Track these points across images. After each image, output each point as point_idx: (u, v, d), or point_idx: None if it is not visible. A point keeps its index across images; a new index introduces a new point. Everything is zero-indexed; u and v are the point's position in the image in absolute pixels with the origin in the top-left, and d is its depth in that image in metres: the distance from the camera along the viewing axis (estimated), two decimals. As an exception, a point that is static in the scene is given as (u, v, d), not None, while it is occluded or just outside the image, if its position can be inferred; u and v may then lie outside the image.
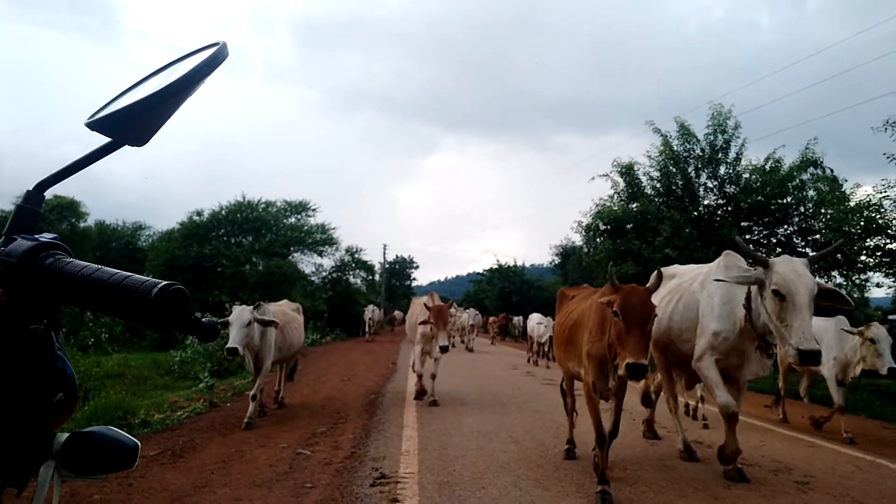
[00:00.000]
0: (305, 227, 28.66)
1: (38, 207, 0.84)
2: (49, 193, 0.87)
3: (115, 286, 0.72)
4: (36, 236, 0.80)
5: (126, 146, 0.84)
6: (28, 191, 0.84)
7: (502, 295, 39.40)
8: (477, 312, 27.09)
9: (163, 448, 5.74)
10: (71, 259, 0.77)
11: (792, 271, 4.35)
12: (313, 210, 29.03)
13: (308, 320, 24.70)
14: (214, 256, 24.49)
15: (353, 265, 32.47)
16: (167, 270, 24.54)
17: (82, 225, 28.16)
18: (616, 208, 16.68)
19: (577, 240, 20.41)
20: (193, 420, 7.43)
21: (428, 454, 5.49)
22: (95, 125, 0.82)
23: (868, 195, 13.08)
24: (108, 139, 0.84)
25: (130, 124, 0.82)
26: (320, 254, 29.66)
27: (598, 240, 18.12)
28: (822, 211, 15.06)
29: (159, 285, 0.70)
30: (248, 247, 25.94)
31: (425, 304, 8.84)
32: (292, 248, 27.75)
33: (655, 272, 4.51)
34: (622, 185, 16.70)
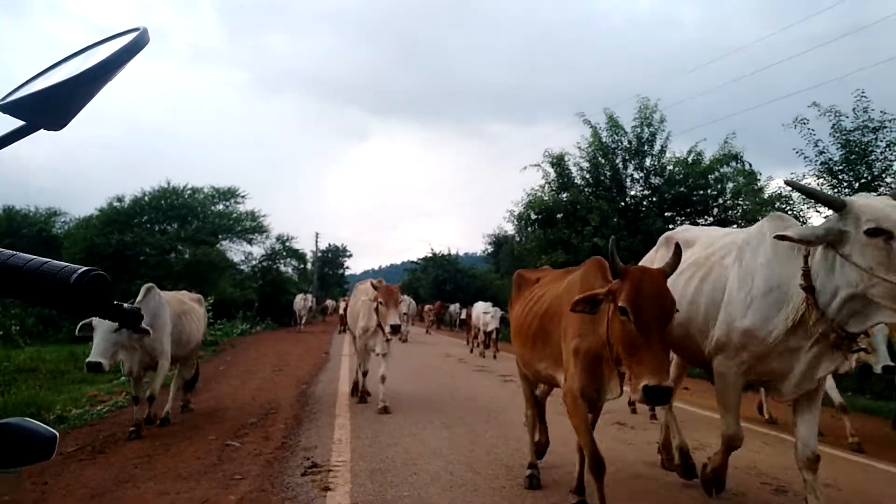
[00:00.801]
0: (234, 215, 27.78)
1: None
2: None
3: (32, 272, 0.71)
4: None
5: (42, 130, 0.81)
6: None
7: (436, 283, 39.57)
8: (411, 300, 26.09)
9: (81, 444, 5.51)
10: None
11: (884, 204, 2.98)
12: (242, 197, 28.19)
13: (237, 310, 24.18)
14: (137, 244, 23.38)
15: (284, 253, 31.80)
16: (86, 258, 23.25)
17: (-12, 211, 26.33)
18: (547, 198, 17.05)
19: (510, 229, 20.76)
20: (115, 414, 7.16)
21: (360, 442, 5.51)
22: (8, 107, 0.78)
23: (780, 187, 13.92)
24: (21, 122, 0.80)
25: (47, 108, 0.79)
26: (250, 242, 28.86)
27: (528, 229, 18.48)
28: (739, 202, 15.92)
29: (79, 271, 0.70)
30: (174, 234, 24.92)
31: (372, 284, 7.44)
32: (220, 236, 26.85)
33: (675, 246, 3.38)
34: (553, 175, 17.07)
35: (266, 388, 8.95)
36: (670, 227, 16.09)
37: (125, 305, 0.82)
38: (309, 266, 40.90)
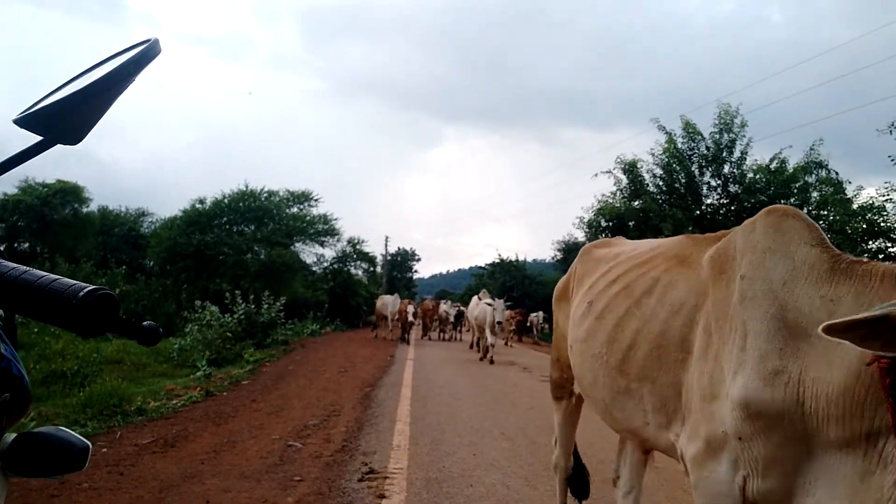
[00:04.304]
0: (308, 218, 28.67)
1: None
2: (52, 178, 0.85)
3: (42, 289, 0.70)
4: None
5: (58, 145, 0.81)
6: None
7: (503, 289, 39.38)
8: (503, 305, 16.10)
9: (156, 437, 5.77)
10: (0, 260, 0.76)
11: None
12: (316, 200, 29.07)
13: (308, 310, 24.89)
14: (216, 244, 24.53)
15: (355, 256, 32.50)
16: (169, 257, 24.62)
17: (85, 210, 28.23)
18: (618, 205, 16.70)
19: (580, 236, 20.31)
20: (189, 409, 7.46)
21: (419, 449, 5.51)
22: (24, 122, 0.79)
23: (871, 198, 13.04)
24: (39, 137, 0.81)
25: (61, 122, 0.79)
26: (322, 244, 29.71)
27: (599, 236, 18.11)
28: (825, 213, 15.03)
29: (85, 289, 0.69)
30: (250, 235, 25.96)
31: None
32: (294, 238, 27.78)
33: None
34: (625, 182, 16.71)
35: (331, 389, 9.13)
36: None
37: (144, 323, 0.82)
38: (378, 269, 41.60)
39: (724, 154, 15.86)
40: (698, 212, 16.19)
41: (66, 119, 0.79)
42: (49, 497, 3.93)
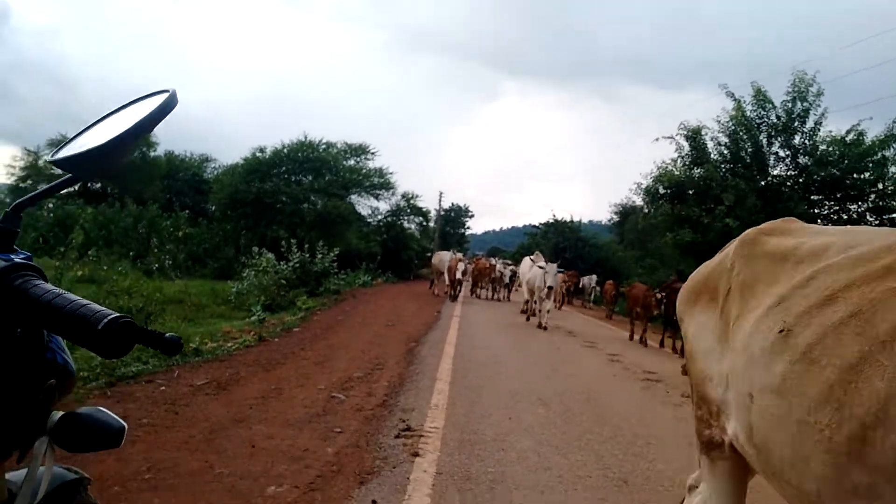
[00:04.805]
0: (364, 170, 29.04)
1: (15, 227, 0.93)
2: None
3: (71, 313, 0.79)
4: (11, 256, 0.88)
5: (82, 181, 0.93)
6: (6, 212, 0.93)
7: (556, 250, 39.05)
8: (561, 271, 16.95)
9: (210, 378, 6.11)
10: (38, 282, 0.84)
11: None
12: (372, 154, 29.35)
13: (361, 261, 25.44)
14: (274, 193, 25.16)
15: (409, 210, 32.81)
16: (229, 203, 25.42)
17: (152, 154, 29.34)
18: (678, 173, 16.16)
19: (639, 200, 19.67)
20: (242, 353, 7.82)
21: (455, 410, 5.66)
22: (59, 163, 0.92)
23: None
24: (68, 175, 0.95)
25: (89, 165, 0.92)
26: (377, 197, 30.17)
27: (656, 204, 17.65)
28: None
29: (108, 317, 0.77)
30: (308, 186, 26.49)
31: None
32: (350, 190, 28.22)
33: None
34: (687, 149, 16.10)
35: (376, 343, 9.40)
36: (815, 211, 14.69)
37: (167, 335, 0.90)
38: (432, 224, 41.88)
39: (796, 124, 15.02)
40: (763, 183, 15.51)
41: (93, 164, 0.91)
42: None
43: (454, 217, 53.46)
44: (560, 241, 39.26)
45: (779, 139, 15.32)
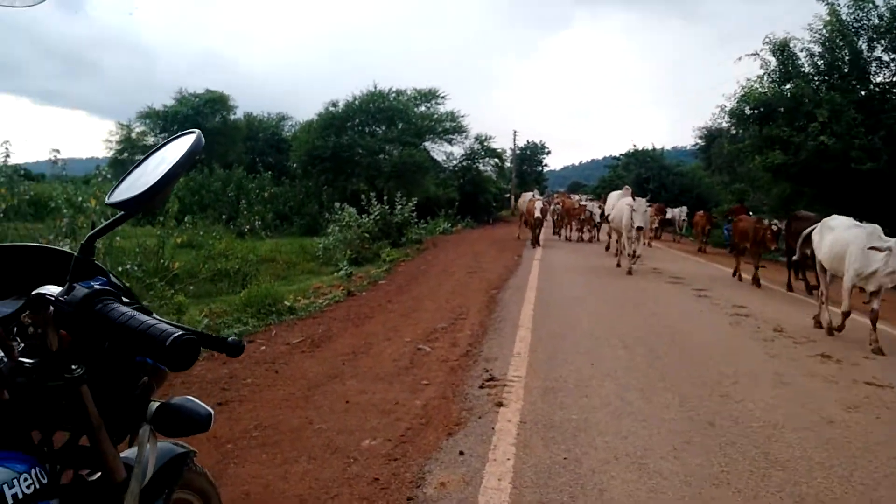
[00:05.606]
0: (435, 116, 28.89)
1: (90, 256, 1.11)
2: (201, 88, 1.21)
3: (142, 332, 0.94)
4: (91, 283, 1.03)
5: (134, 217, 1.18)
6: (82, 244, 1.10)
7: (639, 181, 37.76)
8: (648, 205, 13.32)
9: (304, 336, 6.52)
10: (115, 305, 1.01)
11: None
12: (443, 98, 29.08)
13: (440, 209, 25.69)
14: (350, 146, 25.61)
15: (483, 153, 32.51)
16: (309, 160, 26.16)
17: (232, 117, 30.43)
18: (765, 90, 15.06)
19: (724, 122, 18.35)
20: (332, 308, 8.23)
21: (537, 356, 5.78)
22: (115, 205, 1.10)
23: None
24: (121, 212, 1.14)
25: (138, 205, 1.09)
26: (450, 142, 30.04)
27: (743, 126, 16.60)
28: None
29: (174, 335, 0.92)
30: (382, 136, 26.76)
31: None
32: (424, 137, 28.26)
33: None
34: (774, 64, 14.93)
35: (458, 292, 9.61)
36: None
37: (230, 339, 1.08)
38: (507, 164, 41.41)
39: (904, 22, 13.57)
40: (864, 92, 14.22)
41: (141, 204, 1.09)
42: (221, 389, 4.68)
43: (530, 155, 52.58)
44: (642, 172, 37.91)
45: (882, 42, 13.90)
